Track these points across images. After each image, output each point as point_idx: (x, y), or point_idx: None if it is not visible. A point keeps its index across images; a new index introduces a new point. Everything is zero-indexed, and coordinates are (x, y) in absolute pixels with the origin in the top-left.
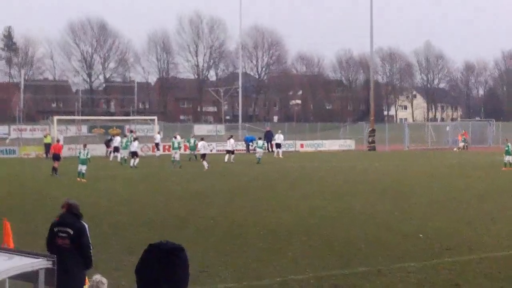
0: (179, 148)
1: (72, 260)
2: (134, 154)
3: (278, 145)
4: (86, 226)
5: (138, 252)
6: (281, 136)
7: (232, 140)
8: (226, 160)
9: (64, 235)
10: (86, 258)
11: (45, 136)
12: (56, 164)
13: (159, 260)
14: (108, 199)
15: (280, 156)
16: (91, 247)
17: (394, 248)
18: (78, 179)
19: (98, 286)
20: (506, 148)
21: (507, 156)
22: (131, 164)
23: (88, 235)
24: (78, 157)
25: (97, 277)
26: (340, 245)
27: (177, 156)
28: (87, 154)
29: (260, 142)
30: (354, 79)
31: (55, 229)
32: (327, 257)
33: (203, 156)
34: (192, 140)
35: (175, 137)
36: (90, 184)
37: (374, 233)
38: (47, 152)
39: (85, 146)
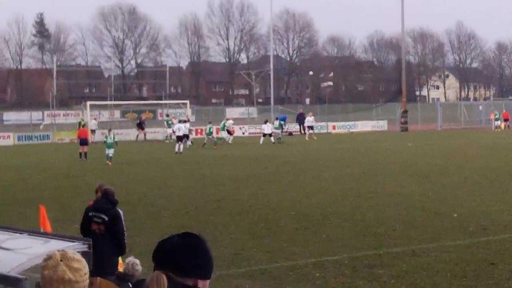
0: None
1: (106, 245)
2: (181, 138)
3: (311, 127)
4: (121, 212)
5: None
6: (311, 118)
7: (268, 124)
8: (261, 142)
9: (99, 220)
10: (120, 245)
11: (80, 122)
12: (83, 149)
13: (174, 253)
14: (143, 184)
15: (314, 138)
16: (125, 234)
17: (428, 228)
18: (108, 162)
19: (133, 267)
20: None
21: None
22: (177, 149)
23: (123, 221)
24: (105, 141)
25: (131, 259)
26: (374, 226)
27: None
28: (113, 138)
29: (277, 123)
30: (386, 60)
31: (90, 214)
32: (361, 238)
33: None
34: (225, 122)
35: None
36: (125, 168)
37: (408, 213)
38: None
39: (110, 130)
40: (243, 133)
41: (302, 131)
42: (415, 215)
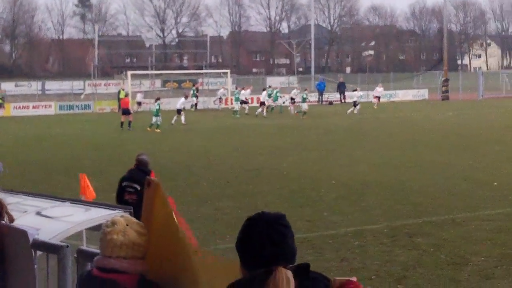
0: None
1: (138, 215)
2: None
3: (378, 98)
4: None
5: (213, 203)
6: (380, 89)
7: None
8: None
9: (131, 190)
10: None
11: (120, 91)
12: (123, 118)
13: (269, 234)
14: (184, 152)
15: (375, 107)
16: None
17: (468, 197)
18: (149, 129)
19: None
20: None
21: None
22: (173, 121)
23: None
24: (156, 109)
25: None
26: (413, 195)
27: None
28: (158, 106)
29: (305, 94)
30: (427, 28)
31: (123, 184)
32: (401, 207)
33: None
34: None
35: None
36: (165, 137)
37: (448, 182)
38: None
39: (158, 99)
40: (283, 103)
41: (343, 100)
42: (455, 184)
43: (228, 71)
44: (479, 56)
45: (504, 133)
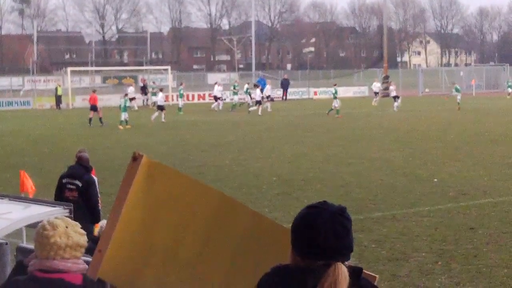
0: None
1: (80, 212)
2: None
3: (377, 94)
4: (96, 179)
5: None
6: (378, 84)
7: (218, 87)
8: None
9: (72, 187)
10: (94, 211)
11: (57, 88)
12: (91, 114)
13: (333, 225)
14: (125, 149)
15: (374, 104)
16: (99, 201)
17: (409, 193)
18: (121, 126)
19: None
20: None
21: None
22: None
23: (97, 188)
24: (120, 106)
25: (105, 222)
26: (354, 191)
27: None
28: (125, 103)
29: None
30: (367, 26)
31: (64, 181)
32: (342, 203)
33: (160, 107)
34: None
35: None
36: (107, 133)
37: (389, 178)
38: (58, 103)
39: (125, 95)
40: (224, 99)
41: (284, 98)
42: (396, 180)
43: (169, 67)
44: (419, 53)
45: (443, 130)
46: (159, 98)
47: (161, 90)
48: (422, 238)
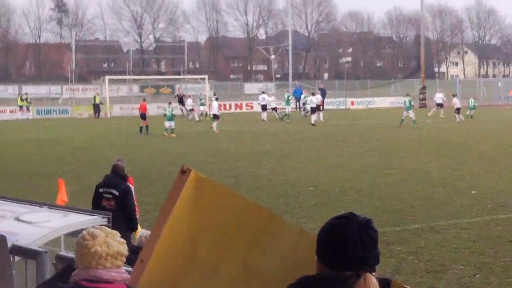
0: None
1: (117, 221)
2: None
3: (440, 105)
4: (132, 187)
5: None
6: (440, 95)
7: (265, 96)
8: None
9: (109, 196)
10: (131, 220)
11: (95, 97)
12: (143, 123)
13: (361, 237)
14: (163, 158)
15: (441, 116)
16: (136, 209)
17: (447, 205)
18: (166, 134)
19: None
20: None
21: None
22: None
23: (134, 196)
24: (165, 114)
25: (144, 231)
26: (392, 202)
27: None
28: (172, 111)
29: (286, 95)
30: (404, 36)
31: (100, 190)
32: (379, 214)
33: (215, 116)
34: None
35: None
36: (145, 143)
37: (426, 190)
38: (96, 112)
39: (170, 104)
40: (270, 109)
41: (321, 107)
42: (433, 192)
43: (206, 76)
44: (456, 64)
45: (481, 141)
46: (214, 107)
47: (216, 99)
48: (461, 251)
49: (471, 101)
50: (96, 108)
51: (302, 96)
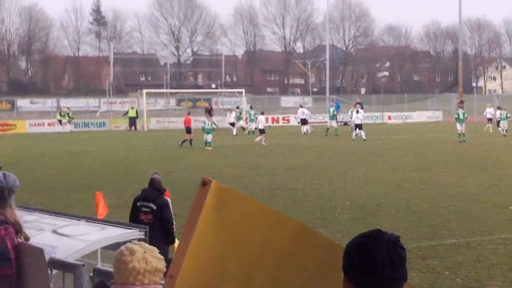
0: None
1: (155, 234)
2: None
3: (490, 120)
4: (169, 200)
5: None
6: (490, 110)
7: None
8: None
9: (147, 210)
10: (169, 234)
11: (130, 110)
12: (187, 137)
13: (390, 255)
14: (198, 172)
15: (490, 131)
16: (174, 223)
17: (483, 220)
18: (207, 147)
19: None
20: None
21: None
22: (263, 142)
23: (171, 210)
24: (203, 127)
25: None
26: (428, 217)
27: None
28: (210, 125)
29: (331, 110)
30: (442, 50)
31: (138, 204)
32: (416, 229)
33: (262, 131)
34: (252, 112)
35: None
36: (180, 156)
37: (463, 205)
38: (131, 125)
39: (210, 116)
40: (298, 123)
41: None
42: (470, 207)
43: (243, 90)
44: (494, 78)
45: None
46: (261, 121)
47: (262, 113)
48: (498, 267)
49: (503, 113)
50: (132, 121)
51: (350, 111)
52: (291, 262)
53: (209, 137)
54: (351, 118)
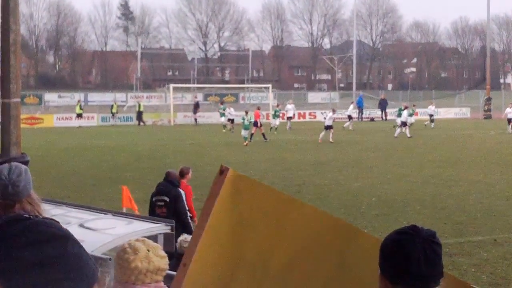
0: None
1: None
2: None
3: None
4: (183, 193)
5: None
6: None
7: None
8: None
9: (161, 203)
10: (184, 224)
11: (139, 104)
12: (253, 130)
13: (425, 252)
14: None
15: None
16: (188, 214)
17: (510, 217)
18: (245, 143)
19: (181, 245)
20: None
21: None
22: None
23: (185, 201)
24: (243, 123)
25: (184, 236)
26: (455, 214)
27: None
28: (250, 119)
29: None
30: (470, 46)
31: (154, 199)
32: (442, 225)
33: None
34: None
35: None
36: (205, 151)
37: (490, 202)
38: (139, 120)
39: (247, 113)
40: (325, 118)
41: (384, 118)
42: (497, 204)
43: (270, 85)
44: None
45: None
46: (328, 118)
47: (333, 110)
48: None
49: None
50: (139, 116)
51: (350, 108)
52: (310, 251)
53: (246, 133)
54: (400, 116)
